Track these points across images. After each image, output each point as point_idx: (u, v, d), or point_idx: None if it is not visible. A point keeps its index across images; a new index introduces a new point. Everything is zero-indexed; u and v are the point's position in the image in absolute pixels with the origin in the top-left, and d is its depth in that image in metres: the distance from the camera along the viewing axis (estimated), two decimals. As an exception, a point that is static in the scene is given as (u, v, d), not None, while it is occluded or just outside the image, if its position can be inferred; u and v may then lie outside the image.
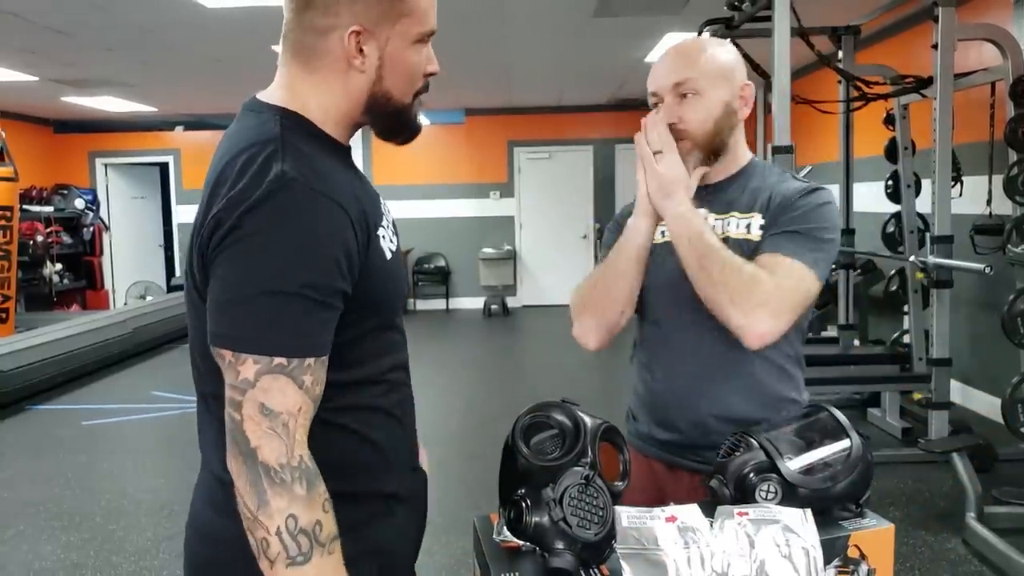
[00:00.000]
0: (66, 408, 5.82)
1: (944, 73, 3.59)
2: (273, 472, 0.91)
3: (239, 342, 0.93)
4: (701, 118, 1.38)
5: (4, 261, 7.12)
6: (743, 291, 1.27)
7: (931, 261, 3.61)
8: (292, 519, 0.91)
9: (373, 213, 1.08)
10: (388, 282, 1.09)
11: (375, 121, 1.14)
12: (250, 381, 0.93)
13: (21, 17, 4.99)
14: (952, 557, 3.07)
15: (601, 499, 1.03)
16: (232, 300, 0.95)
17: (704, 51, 1.41)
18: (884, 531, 1.10)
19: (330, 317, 0.98)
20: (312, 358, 0.96)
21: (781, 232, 1.35)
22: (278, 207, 0.94)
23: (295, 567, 0.91)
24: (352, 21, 1.03)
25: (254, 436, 0.92)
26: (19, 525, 3.66)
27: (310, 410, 0.96)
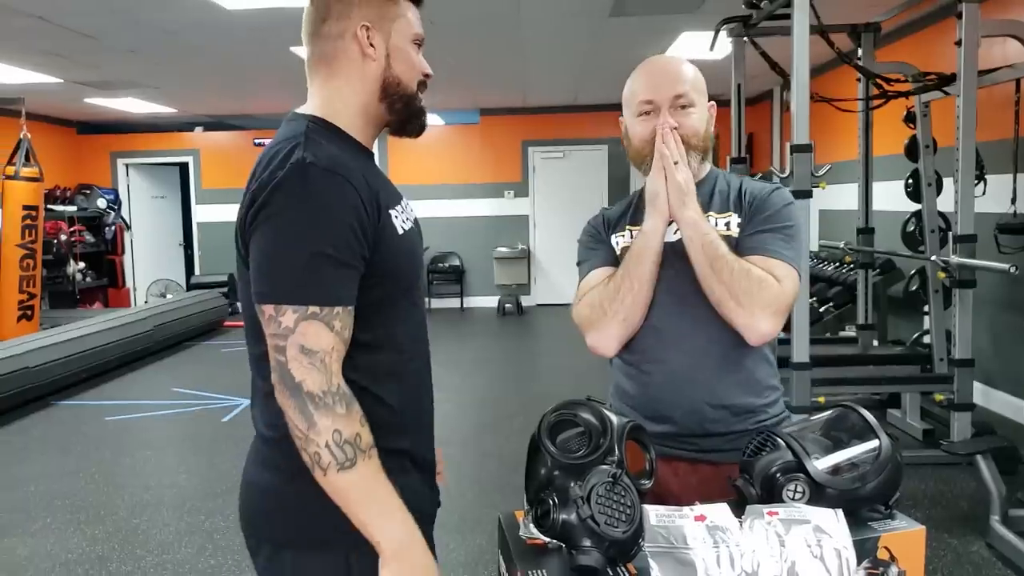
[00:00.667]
0: (90, 404, 5.90)
1: (968, 70, 3.55)
2: (317, 398, 1.09)
3: (279, 296, 1.12)
4: (697, 126, 1.52)
5: (30, 259, 7.21)
6: (750, 293, 1.39)
7: (954, 260, 3.57)
8: (337, 433, 1.09)
9: (385, 196, 1.23)
10: (401, 255, 1.24)
11: (390, 108, 1.30)
12: (290, 328, 1.11)
13: (47, 20, 5.05)
14: (976, 560, 3.04)
15: (628, 497, 1.04)
16: (270, 263, 1.14)
17: (690, 68, 1.56)
18: (915, 533, 1.09)
19: (351, 274, 1.15)
20: (340, 307, 1.13)
21: (762, 231, 1.47)
22: (298, 185, 1.13)
23: (344, 471, 1.10)
24: (360, 20, 1.25)
25: (298, 372, 1.10)
26: (46, 518, 3.71)
27: (342, 349, 1.14)
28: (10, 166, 7.05)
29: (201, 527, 3.55)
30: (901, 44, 5.72)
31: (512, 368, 6.87)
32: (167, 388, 6.30)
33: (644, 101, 1.52)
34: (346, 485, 1.10)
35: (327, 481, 1.10)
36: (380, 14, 1.26)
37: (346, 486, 1.11)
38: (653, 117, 1.51)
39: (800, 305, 3.33)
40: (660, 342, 1.50)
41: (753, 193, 1.54)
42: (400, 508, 1.14)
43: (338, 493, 1.11)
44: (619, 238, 1.62)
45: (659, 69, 1.57)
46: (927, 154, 4.51)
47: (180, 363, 7.40)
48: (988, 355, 4.79)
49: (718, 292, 1.41)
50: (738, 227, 1.51)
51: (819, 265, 6.34)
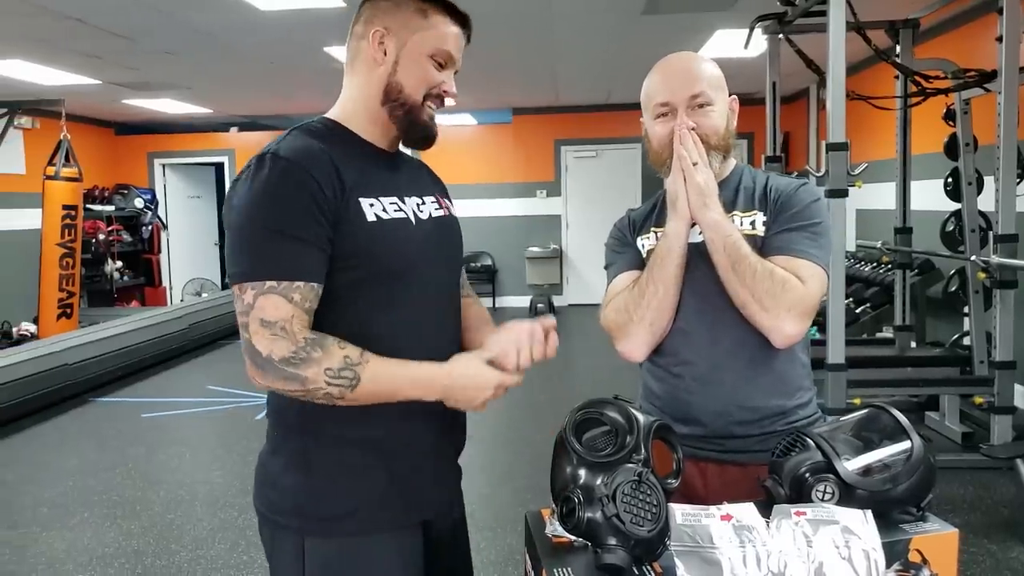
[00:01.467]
0: (126, 401, 6.00)
1: (1009, 66, 3.47)
2: (291, 360, 1.15)
3: (239, 276, 1.19)
4: (716, 124, 1.49)
5: (69, 258, 7.36)
6: (773, 295, 1.37)
7: (994, 261, 3.50)
8: (328, 370, 1.15)
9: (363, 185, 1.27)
10: (376, 241, 1.25)
11: (391, 114, 1.33)
12: (250, 304, 1.17)
13: (85, 23, 5.16)
14: (1016, 566, 2.97)
15: (655, 496, 1.03)
16: (232, 249, 1.22)
17: (706, 65, 1.52)
18: (947, 536, 1.07)
19: (311, 251, 1.19)
20: (300, 281, 1.18)
21: (788, 230, 1.45)
22: (256, 173, 1.21)
23: (356, 388, 1.17)
24: (380, 25, 1.31)
25: (263, 345, 1.15)
26: (83, 513, 3.78)
27: (304, 317, 1.18)
28: (50, 166, 7.20)
29: (234, 523, 3.60)
30: (941, 40, 5.61)
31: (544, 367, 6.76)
32: (201, 386, 6.39)
33: (660, 103, 1.51)
34: (366, 395, 1.18)
35: (351, 401, 1.18)
36: (401, 23, 1.30)
37: (367, 396, 1.18)
38: (670, 118, 1.49)
39: (835, 306, 3.28)
40: (687, 344, 1.48)
41: (779, 190, 1.51)
42: (421, 369, 1.22)
43: (367, 400, 1.19)
44: (644, 240, 1.60)
45: (674, 69, 1.53)
46: (967, 152, 4.42)
47: (214, 361, 7.51)
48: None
49: (741, 295, 1.39)
50: (763, 225, 1.48)
51: (856, 265, 6.24)
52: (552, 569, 1.04)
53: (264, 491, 1.33)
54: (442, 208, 1.43)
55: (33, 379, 5.45)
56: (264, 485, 1.34)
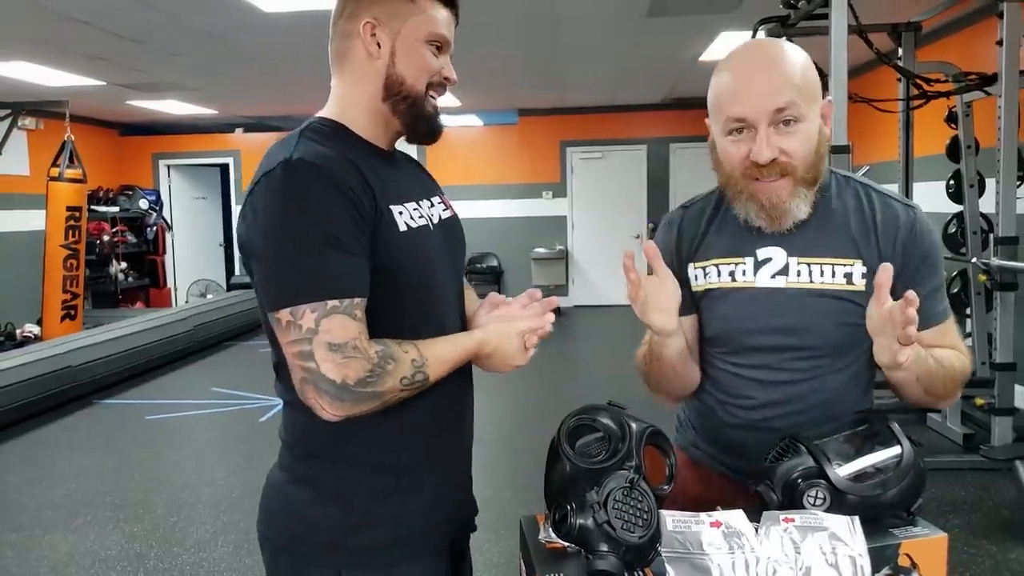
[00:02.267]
0: (131, 403, 6.03)
1: (1009, 70, 3.48)
2: (367, 381, 1.07)
3: (290, 298, 1.07)
4: (806, 148, 1.20)
5: (73, 260, 7.39)
6: (958, 385, 1.26)
7: (995, 263, 3.50)
8: (404, 379, 1.11)
9: (388, 191, 1.19)
10: (406, 252, 1.19)
11: (394, 109, 1.24)
12: (312, 328, 1.05)
13: (91, 24, 5.19)
14: (1015, 568, 2.98)
15: (646, 502, 1.04)
16: (273, 268, 1.10)
17: (801, 63, 1.21)
18: (937, 540, 1.08)
19: (361, 264, 1.11)
20: (359, 297, 1.10)
21: (930, 293, 1.24)
22: (281, 183, 1.10)
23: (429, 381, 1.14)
24: (368, 17, 1.21)
25: (335, 373, 1.05)
26: (87, 515, 3.81)
27: (367, 333, 1.10)
28: (54, 167, 7.22)
29: (238, 526, 3.62)
30: (942, 44, 5.61)
31: (549, 369, 6.85)
32: (206, 388, 6.42)
33: (734, 118, 1.21)
34: (435, 381, 1.16)
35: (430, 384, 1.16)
36: (391, 12, 1.21)
37: (436, 381, 1.16)
38: (748, 137, 1.20)
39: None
40: (750, 392, 1.33)
41: (896, 226, 1.26)
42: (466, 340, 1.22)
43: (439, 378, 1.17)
44: (699, 271, 1.35)
45: (754, 70, 1.21)
46: (969, 155, 4.43)
47: (219, 363, 7.53)
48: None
49: (924, 401, 1.26)
50: (863, 277, 1.24)
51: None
52: (545, 575, 1.05)
53: (287, 524, 1.23)
54: (448, 208, 1.38)
55: (37, 381, 5.48)
56: (287, 517, 1.23)
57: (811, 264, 1.27)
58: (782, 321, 1.28)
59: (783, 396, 1.31)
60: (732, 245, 1.32)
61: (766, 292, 1.28)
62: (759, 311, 1.29)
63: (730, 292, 1.31)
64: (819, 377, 1.30)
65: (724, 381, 1.37)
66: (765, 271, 1.28)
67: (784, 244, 1.28)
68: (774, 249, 1.28)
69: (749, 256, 1.30)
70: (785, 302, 1.27)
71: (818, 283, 1.27)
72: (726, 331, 1.33)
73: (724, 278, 1.32)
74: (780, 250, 1.28)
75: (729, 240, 1.32)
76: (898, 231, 1.26)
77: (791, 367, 1.29)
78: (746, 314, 1.30)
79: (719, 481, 1.41)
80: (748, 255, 1.30)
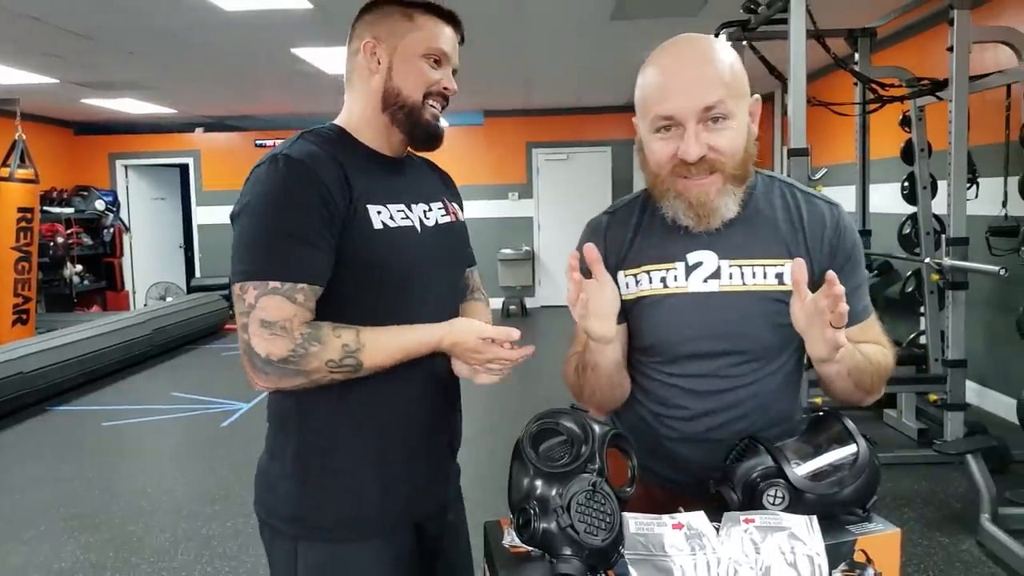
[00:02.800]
0: (86, 409, 5.90)
1: (959, 75, 3.56)
2: (289, 359, 1.16)
3: (243, 275, 1.19)
4: (734, 145, 1.18)
5: (25, 263, 7.21)
6: (883, 381, 1.28)
7: (946, 263, 3.59)
8: (331, 362, 1.18)
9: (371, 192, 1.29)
10: (378, 249, 1.27)
11: (392, 118, 1.35)
12: (252, 304, 1.17)
13: (43, 21, 5.07)
14: (966, 559, 3.06)
15: (608, 505, 1.05)
16: (237, 248, 1.22)
17: (729, 61, 1.19)
18: (891, 535, 1.10)
19: (317, 255, 1.20)
20: (304, 283, 1.19)
21: (853, 290, 1.22)
22: (267, 174, 1.22)
23: (361, 368, 1.21)
24: (369, 36, 1.34)
25: (261, 346, 1.16)
26: (40, 526, 3.71)
27: (308, 316, 1.19)
28: (4, 167, 7.04)
29: (198, 533, 3.56)
30: (896, 49, 5.74)
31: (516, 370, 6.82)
32: (166, 392, 6.31)
33: (662, 116, 1.18)
34: (375, 369, 1.22)
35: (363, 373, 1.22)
36: (389, 30, 1.33)
37: (376, 369, 1.22)
38: (675, 136, 1.18)
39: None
40: (684, 392, 1.31)
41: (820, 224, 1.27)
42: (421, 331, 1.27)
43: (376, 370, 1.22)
44: (629, 279, 1.31)
45: (682, 67, 1.18)
46: (922, 158, 4.53)
47: (179, 367, 7.41)
48: (981, 356, 4.81)
49: (856, 397, 1.27)
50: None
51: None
52: (509, 578, 1.05)
53: (263, 496, 1.36)
54: (449, 214, 1.46)
55: (-12, 387, 5.31)
56: (263, 490, 1.36)
57: (743, 266, 1.26)
58: (718, 327, 1.26)
59: (719, 404, 1.30)
60: (661, 250, 1.29)
61: (700, 297, 1.26)
62: (694, 317, 1.27)
63: (663, 299, 1.28)
64: (756, 382, 1.29)
65: (658, 392, 1.34)
66: (697, 275, 1.26)
67: (714, 247, 1.26)
68: (705, 252, 1.26)
69: (680, 260, 1.28)
70: (719, 306, 1.26)
71: (750, 285, 1.25)
72: (661, 340, 1.30)
73: (656, 284, 1.29)
74: (711, 253, 1.26)
75: (658, 245, 1.30)
76: (824, 229, 1.27)
77: (727, 373, 1.28)
78: (681, 321, 1.27)
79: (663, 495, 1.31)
80: (679, 259, 1.28)
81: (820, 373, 1.22)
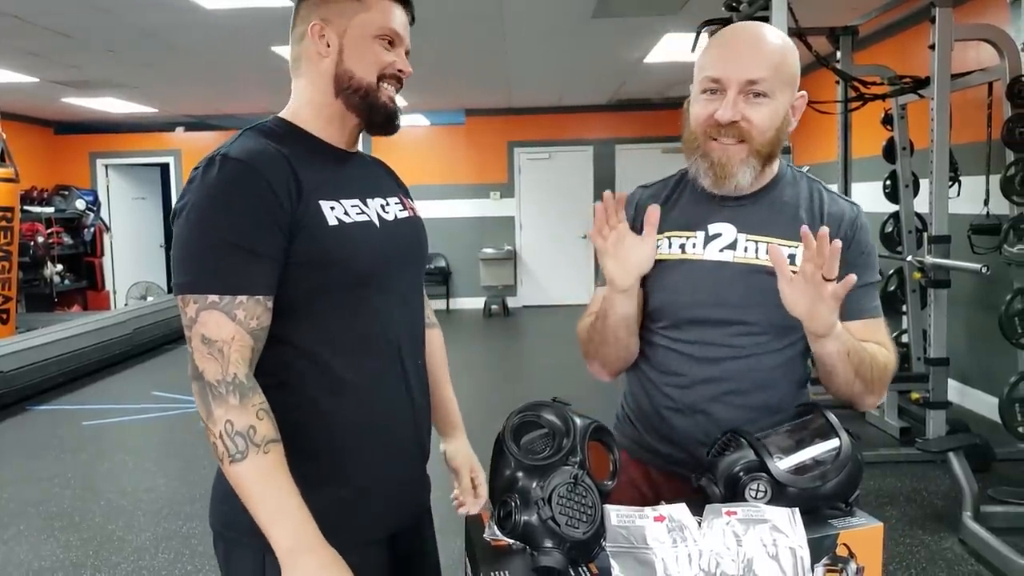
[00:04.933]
0: (67, 408, 5.84)
1: (941, 73, 3.59)
2: (212, 387, 1.10)
3: (182, 287, 1.14)
4: (767, 123, 1.26)
5: (5, 262, 7.13)
6: (884, 382, 1.29)
7: (928, 261, 3.61)
8: (229, 424, 1.09)
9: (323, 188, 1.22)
10: (336, 247, 1.20)
11: (347, 103, 1.28)
12: (193, 318, 1.12)
13: (22, 19, 5.01)
14: (949, 556, 3.07)
15: (590, 498, 1.04)
16: (177, 256, 1.16)
17: (781, 48, 1.28)
18: (873, 530, 1.10)
19: (260, 263, 1.13)
20: (243, 296, 1.12)
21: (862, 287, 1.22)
22: (206, 177, 1.15)
23: (235, 463, 1.09)
24: (317, 18, 1.26)
25: (199, 361, 1.11)
26: (19, 525, 3.67)
27: (246, 338, 1.12)
28: (-16, 166, 6.97)
29: (179, 532, 3.53)
30: (879, 47, 5.78)
31: (498, 369, 6.88)
32: (146, 392, 6.25)
33: (711, 78, 1.27)
34: (237, 478, 1.09)
35: (226, 473, 1.10)
36: (337, 11, 1.25)
37: (237, 480, 1.09)
38: (718, 99, 1.26)
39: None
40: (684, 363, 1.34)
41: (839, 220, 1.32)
42: (295, 511, 1.09)
43: (235, 486, 1.10)
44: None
45: (739, 42, 1.29)
46: (904, 156, 4.56)
47: (160, 366, 7.35)
48: (964, 354, 4.85)
49: (856, 389, 1.27)
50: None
51: (799, 266, 6.38)
52: (489, 572, 1.04)
53: (220, 507, 1.25)
54: (407, 209, 1.39)
55: (-33, 387, 5.26)
56: (220, 501, 1.25)
57: (758, 241, 1.31)
58: (724, 295, 1.31)
59: (716, 373, 1.33)
60: (685, 219, 1.36)
61: (713, 265, 1.32)
62: (704, 284, 1.32)
63: (679, 263, 1.34)
64: (754, 356, 1.32)
65: (659, 358, 1.38)
66: (714, 245, 1.32)
67: (735, 220, 1.33)
68: (725, 225, 1.33)
69: (700, 230, 1.34)
70: (731, 277, 1.31)
71: (764, 260, 1.29)
72: (668, 302, 1.35)
73: (675, 250, 1.35)
74: (730, 226, 1.33)
75: (683, 214, 1.37)
76: (842, 223, 1.32)
77: (727, 343, 1.32)
78: (692, 286, 1.33)
79: (659, 478, 1.41)
80: (700, 229, 1.34)
81: (821, 356, 1.24)
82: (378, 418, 1.27)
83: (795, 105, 1.31)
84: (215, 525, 1.28)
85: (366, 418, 1.25)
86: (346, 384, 1.22)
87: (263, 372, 1.15)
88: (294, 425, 1.17)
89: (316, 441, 1.22)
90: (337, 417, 1.22)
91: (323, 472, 1.22)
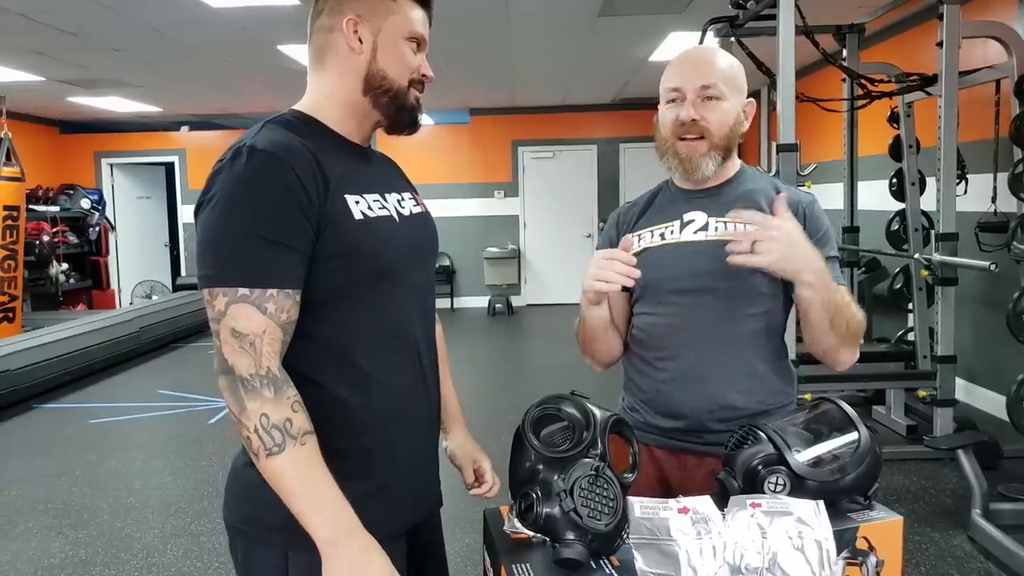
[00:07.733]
0: (73, 407, 5.85)
1: (949, 71, 3.58)
2: (245, 381, 1.08)
3: (210, 280, 1.11)
4: (721, 120, 1.48)
5: (10, 261, 7.15)
6: (857, 335, 1.43)
7: (936, 259, 3.61)
8: (264, 417, 1.07)
9: (347, 181, 1.21)
10: (362, 240, 1.20)
11: (375, 102, 1.28)
12: (222, 311, 1.10)
13: (29, 18, 5.01)
14: (958, 554, 3.07)
15: (611, 490, 1.04)
16: (204, 249, 1.13)
17: (727, 62, 1.52)
18: (893, 523, 1.10)
19: (290, 256, 1.12)
20: (273, 289, 1.11)
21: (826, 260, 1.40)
22: (235, 168, 1.13)
23: (272, 456, 1.07)
24: (350, 14, 1.25)
25: (230, 355, 1.09)
26: (27, 523, 3.67)
27: (276, 332, 1.11)
28: (-10, 166, 6.99)
29: (187, 530, 3.53)
30: (885, 45, 5.77)
31: (502, 367, 6.89)
32: (152, 390, 6.25)
33: (671, 88, 1.51)
34: (275, 472, 1.08)
35: (261, 467, 1.09)
36: (372, 9, 1.25)
37: (275, 473, 1.08)
38: (680, 105, 1.49)
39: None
40: (674, 338, 1.51)
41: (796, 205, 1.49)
42: (334, 502, 1.09)
43: (271, 480, 1.09)
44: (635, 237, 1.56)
45: (690, 57, 1.54)
46: (910, 154, 4.56)
47: (166, 365, 7.35)
48: (971, 352, 4.84)
49: (830, 340, 1.41)
50: None
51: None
52: (511, 566, 1.04)
53: (240, 504, 1.23)
54: (419, 205, 1.41)
55: (-27, 386, 5.26)
56: (240, 498, 1.23)
57: (727, 222, 1.49)
58: (700, 266, 1.48)
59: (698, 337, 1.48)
60: (664, 213, 1.58)
61: (689, 244, 1.51)
62: (681, 260, 1.50)
63: (660, 247, 1.54)
64: (731, 319, 1.47)
65: (649, 335, 1.54)
66: (689, 228, 1.52)
67: (705, 208, 1.53)
68: (697, 213, 1.54)
69: (676, 219, 1.55)
70: (704, 251, 1.49)
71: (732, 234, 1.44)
72: (652, 280, 1.50)
73: (656, 238, 1.55)
74: (702, 213, 1.53)
75: (661, 210, 1.59)
76: (798, 207, 1.50)
77: (711, 308, 1.48)
78: (670, 263, 1.51)
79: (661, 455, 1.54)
80: (676, 219, 1.55)
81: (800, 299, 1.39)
82: (400, 412, 1.27)
83: (746, 110, 1.53)
84: (233, 522, 1.25)
85: (389, 413, 1.25)
86: (370, 379, 1.22)
87: (287, 367, 1.14)
88: (320, 420, 1.15)
89: (342, 436, 1.20)
90: (362, 412, 1.22)
91: (349, 467, 1.19)
